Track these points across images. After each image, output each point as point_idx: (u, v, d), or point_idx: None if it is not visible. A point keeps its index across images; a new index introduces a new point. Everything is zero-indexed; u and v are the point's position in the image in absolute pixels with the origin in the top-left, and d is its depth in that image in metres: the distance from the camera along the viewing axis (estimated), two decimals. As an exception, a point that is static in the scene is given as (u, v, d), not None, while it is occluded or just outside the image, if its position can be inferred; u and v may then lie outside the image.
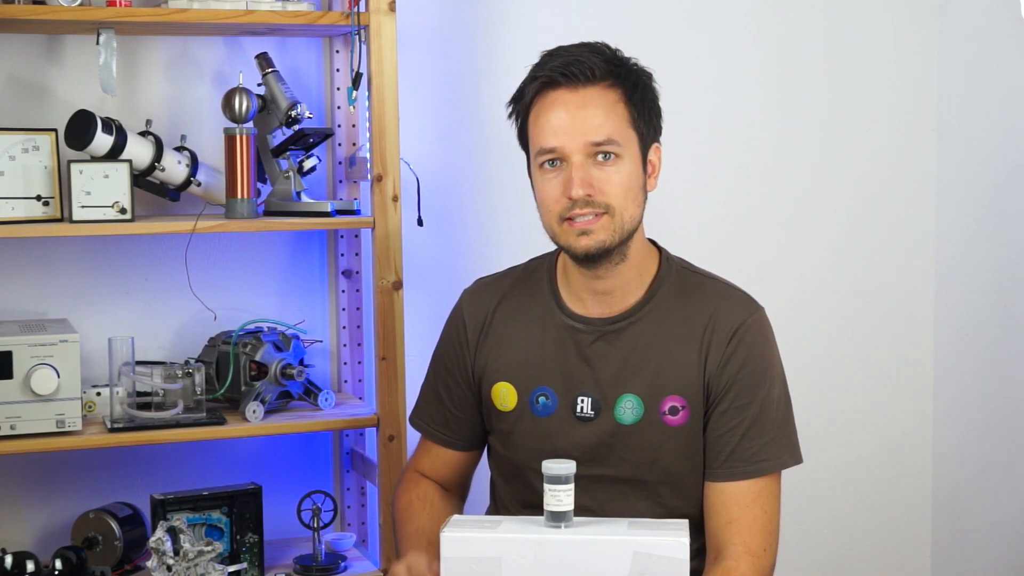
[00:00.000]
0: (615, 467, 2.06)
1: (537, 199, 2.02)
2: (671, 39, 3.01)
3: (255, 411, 2.52)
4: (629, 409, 2.04)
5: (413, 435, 2.72)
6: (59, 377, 2.38)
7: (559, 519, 1.78)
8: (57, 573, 2.33)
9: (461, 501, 2.24)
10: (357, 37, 2.53)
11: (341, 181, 2.79)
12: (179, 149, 2.60)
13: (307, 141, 2.64)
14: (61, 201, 2.47)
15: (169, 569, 1.97)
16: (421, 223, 2.69)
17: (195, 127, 2.68)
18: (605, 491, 2.05)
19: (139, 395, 2.52)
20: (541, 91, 1.99)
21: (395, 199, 2.55)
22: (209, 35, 2.69)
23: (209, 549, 1.99)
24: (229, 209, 2.54)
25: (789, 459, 2.05)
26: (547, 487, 1.78)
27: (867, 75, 3.17)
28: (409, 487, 2.18)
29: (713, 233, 3.07)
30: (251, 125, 2.55)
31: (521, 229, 2.92)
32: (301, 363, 2.62)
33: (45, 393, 2.37)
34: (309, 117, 2.64)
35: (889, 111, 3.19)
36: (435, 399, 2.20)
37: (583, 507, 1.92)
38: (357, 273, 2.79)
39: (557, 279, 2.12)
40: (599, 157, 1.96)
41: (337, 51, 2.76)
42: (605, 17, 2.94)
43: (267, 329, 2.62)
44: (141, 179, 2.55)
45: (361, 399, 2.78)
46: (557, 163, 1.98)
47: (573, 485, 1.78)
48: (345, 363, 2.81)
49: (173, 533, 1.99)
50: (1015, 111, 2.95)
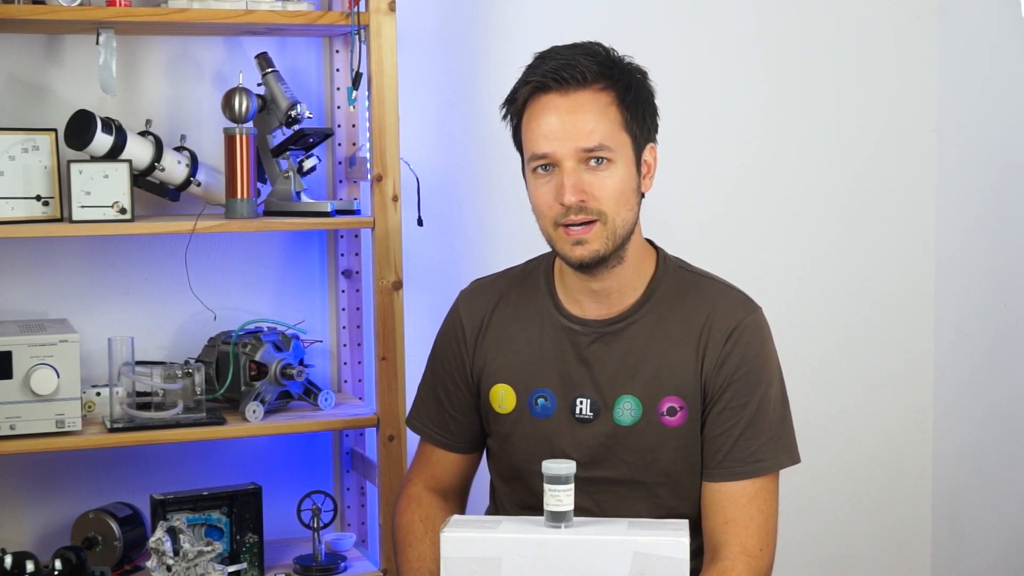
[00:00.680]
0: (614, 469, 2.05)
1: (532, 203, 2.02)
2: (671, 39, 3.01)
3: (255, 411, 2.52)
4: (628, 411, 2.04)
5: (413, 435, 2.73)
6: (59, 377, 2.38)
7: (559, 519, 1.78)
8: (57, 573, 2.33)
9: (462, 511, 2.23)
10: (357, 37, 2.53)
11: (341, 181, 2.79)
12: (179, 149, 2.60)
13: (307, 141, 2.64)
14: (61, 201, 2.47)
15: (169, 569, 1.97)
16: (421, 223, 2.69)
17: (195, 127, 2.68)
18: (604, 492, 2.05)
19: (139, 395, 2.52)
20: (533, 95, 1.98)
21: (395, 199, 2.55)
22: (209, 35, 2.69)
23: (209, 549, 1.99)
24: (229, 209, 2.54)
25: (786, 459, 2.04)
26: (547, 487, 1.78)
27: (867, 75, 3.17)
28: (412, 506, 2.15)
29: (713, 233, 3.07)
30: (251, 125, 2.55)
31: (521, 229, 2.91)
32: (301, 363, 2.62)
33: (45, 393, 2.37)
34: (309, 117, 2.64)
35: (889, 111, 3.19)
36: (433, 401, 2.19)
37: (582, 509, 1.92)
38: (357, 273, 2.79)
39: (554, 280, 2.12)
40: (591, 162, 1.95)
41: (337, 51, 2.76)
42: (605, 17, 2.94)
43: (267, 329, 2.62)
44: (141, 179, 2.55)
45: (361, 399, 2.78)
46: (550, 168, 1.97)
47: (573, 485, 1.78)
48: (345, 363, 2.81)
49: (173, 533, 1.99)
50: (1015, 111, 2.95)
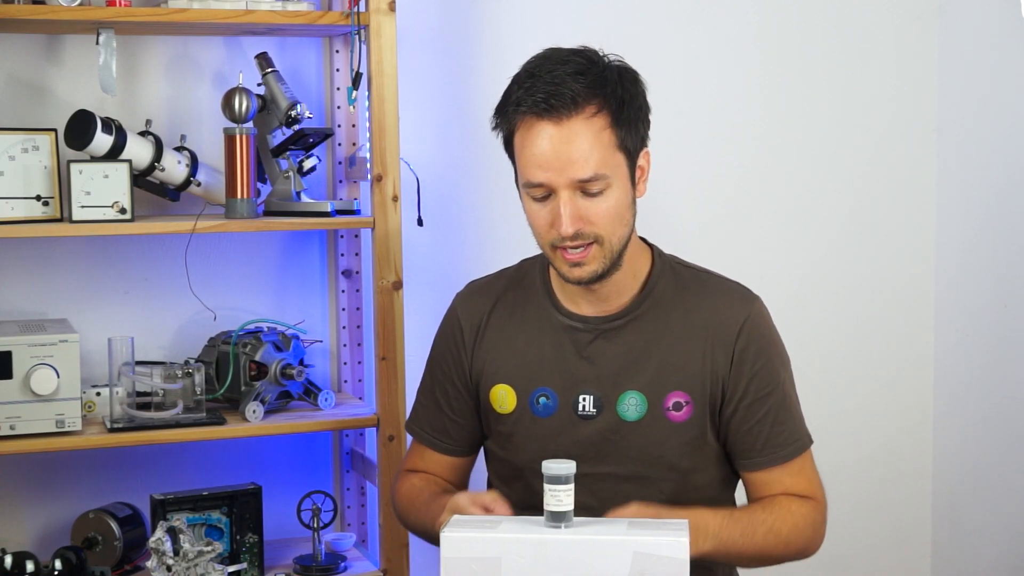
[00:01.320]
0: (618, 464, 2.06)
1: (528, 221, 2.02)
2: (671, 39, 3.01)
3: (255, 411, 2.52)
4: (633, 406, 2.05)
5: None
6: (59, 377, 2.38)
7: (559, 519, 1.77)
8: (57, 573, 2.33)
9: None
10: (357, 37, 2.53)
11: (341, 181, 2.79)
12: (179, 149, 2.60)
13: (307, 141, 2.64)
14: (61, 201, 2.47)
15: (169, 569, 1.97)
16: (421, 223, 2.69)
17: (195, 127, 2.68)
18: (608, 488, 2.05)
19: (139, 395, 2.52)
20: (525, 118, 1.95)
21: (395, 199, 2.55)
22: (209, 35, 2.69)
23: (209, 549, 1.99)
24: (229, 209, 2.54)
25: (809, 436, 2.11)
26: (547, 487, 1.78)
27: (867, 75, 3.17)
28: (407, 478, 2.18)
29: (713, 233, 3.07)
30: (251, 125, 2.55)
31: (521, 229, 2.90)
32: (301, 363, 2.62)
33: (45, 393, 2.37)
34: (309, 117, 2.64)
35: (889, 111, 3.19)
36: (433, 405, 2.19)
37: (586, 505, 1.91)
38: (357, 273, 2.79)
39: (551, 280, 2.12)
40: (586, 190, 1.94)
41: (337, 51, 2.76)
42: (605, 17, 2.94)
43: (267, 329, 2.62)
44: (141, 179, 2.55)
45: (361, 399, 2.78)
46: (544, 195, 1.96)
47: (573, 485, 1.78)
48: (345, 363, 2.81)
49: (173, 533, 1.99)
50: (1015, 111, 2.95)
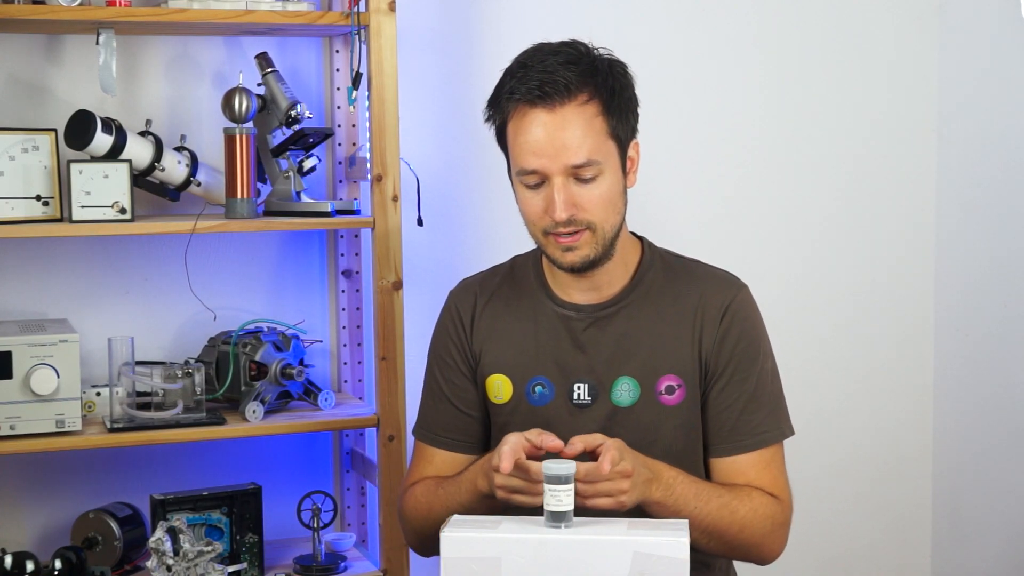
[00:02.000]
0: None
1: (520, 209, 2.05)
2: (671, 39, 3.01)
3: (255, 411, 2.52)
4: (626, 391, 2.07)
5: (413, 435, 2.73)
6: (59, 377, 2.38)
7: (559, 519, 1.78)
8: (57, 573, 2.33)
9: None
10: (357, 37, 2.53)
11: (341, 181, 2.79)
12: (179, 149, 2.60)
13: (307, 141, 2.64)
14: (61, 201, 2.47)
15: (169, 569, 1.97)
16: (421, 223, 2.69)
17: (195, 127, 2.68)
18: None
19: (139, 395, 2.52)
20: (518, 107, 1.98)
21: (395, 199, 2.55)
22: (209, 35, 2.69)
23: (209, 549, 1.99)
24: (229, 209, 2.54)
25: (787, 429, 2.10)
26: (547, 487, 1.78)
27: (867, 75, 3.17)
28: (414, 487, 2.15)
29: (713, 233, 3.07)
30: (251, 125, 2.55)
31: (521, 229, 2.91)
32: (301, 363, 2.62)
33: (45, 393, 2.37)
34: (309, 117, 2.64)
35: (889, 111, 3.19)
36: (442, 405, 2.18)
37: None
38: (357, 273, 2.79)
39: (544, 272, 2.14)
40: (579, 176, 1.97)
41: (337, 51, 2.76)
42: (605, 17, 2.94)
43: (267, 329, 2.62)
44: (141, 179, 2.55)
45: (361, 399, 2.78)
46: (538, 182, 1.99)
47: (573, 485, 1.78)
48: (345, 363, 2.81)
49: (173, 533, 1.99)
50: (1015, 111, 2.95)
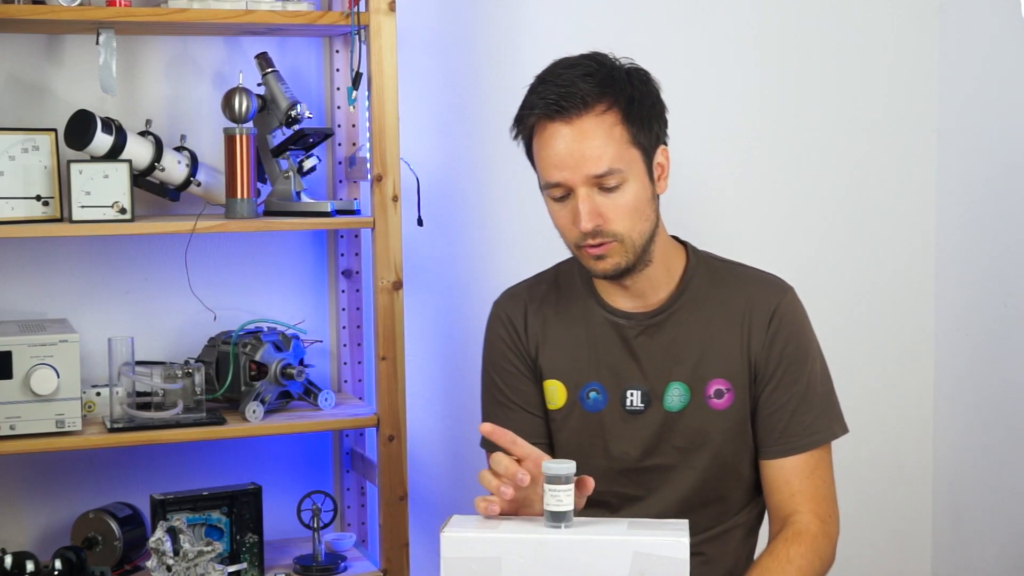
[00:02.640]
0: (665, 455, 2.10)
1: (553, 223, 2.07)
2: (671, 39, 3.01)
3: (255, 411, 2.52)
4: (676, 396, 2.09)
5: (413, 435, 2.73)
6: (59, 377, 2.38)
7: (559, 519, 1.78)
8: (57, 573, 2.33)
9: None
10: (357, 37, 2.53)
11: (341, 181, 2.79)
12: (179, 149, 2.60)
13: (307, 141, 2.64)
14: (61, 201, 2.47)
15: (169, 569, 1.97)
16: (421, 223, 2.69)
17: (195, 127, 2.68)
18: (655, 479, 2.11)
19: (139, 395, 2.52)
20: (539, 121, 2.01)
21: (395, 199, 2.55)
22: (209, 35, 2.69)
23: (209, 549, 1.99)
24: (229, 209, 2.54)
25: (839, 429, 2.14)
26: (547, 487, 1.78)
27: (867, 75, 3.17)
28: None
29: (712, 233, 3.06)
30: (251, 125, 2.55)
31: (521, 228, 2.92)
32: (301, 363, 2.62)
33: (45, 393, 2.37)
34: (309, 117, 2.64)
35: (889, 111, 3.19)
36: (515, 413, 2.16)
37: (632, 496, 2.06)
38: (357, 273, 2.79)
39: (592, 278, 2.15)
40: (603, 186, 1.98)
41: (337, 51, 2.76)
42: (604, 17, 2.94)
43: (267, 329, 2.62)
44: (141, 179, 2.55)
45: (361, 399, 2.78)
46: (564, 194, 2.01)
47: (573, 485, 1.78)
48: (345, 363, 2.81)
49: (173, 533, 1.99)
50: (1015, 111, 2.95)
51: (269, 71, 2.61)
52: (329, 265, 2.83)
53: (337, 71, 2.76)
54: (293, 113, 2.59)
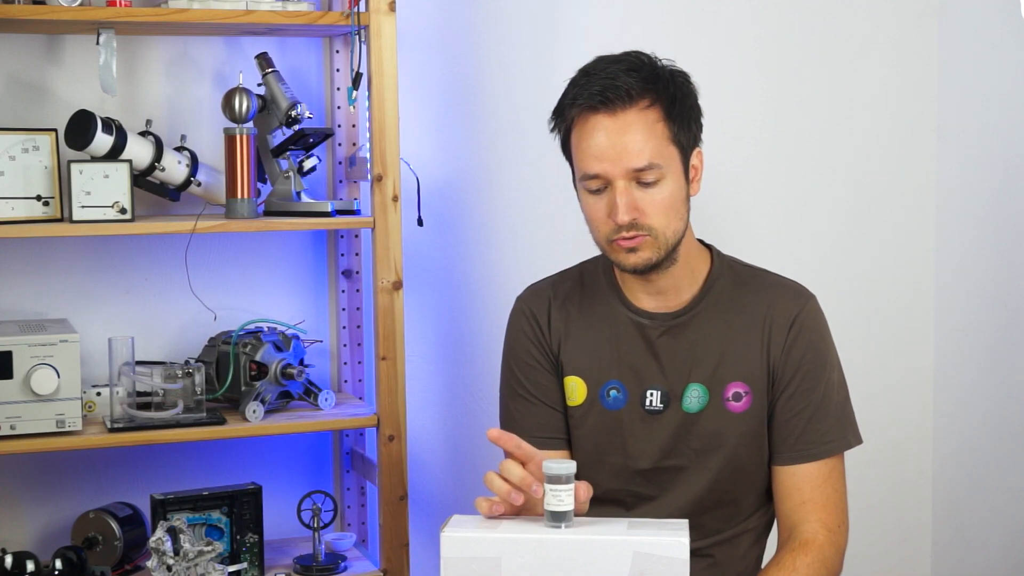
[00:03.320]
0: (681, 456, 2.11)
1: (585, 215, 2.07)
2: (671, 39, 3.00)
3: (255, 411, 2.52)
4: (695, 398, 2.10)
5: (413, 435, 2.73)
6: (59, 377, 2.38)
7: (559, 519, 1.78)
8: (57, 573, 2.33)
9: None
10: (357, 37, 2.53)
11: (341, 181, 2.79)
12: (179, 149, 2.60)
13: (307, 141, 2.64)
14: (61, 201, 2.47)
15: (169, 569, 1.97)
16: (421, 223, 2.69)
17: (195, 127, 2.68)
18: (670, 480, 2.11)
19: (139, 395, 2.52)
20: (581, 113, 2.02)
21: (395, 199, 2.55)
22: (209, 35, 2.69)
23: (209, 549, 1.99)
24: (229, 209, 2.54)
25: (853, 439, 2.14)
26: (547, 487, 1.78)
27: (867, 75, 3.16)
28: None
29: (711, 234, 3.05)
30: (251, 125, 2.55)
31: (521, 228, 2.92)
32: (301, 363, 2.62)
33: (45, 393, 2.37)
34: (309, 117, 2.64)
35: (889, 111, 3.19)
36: (536, 408, 2.18)
37: (646, 496, 2.07)
38: (357, 273, 2.79)
39: (616, 277, 2.16)
40: (641, 180, 1.99)
41: (337, 51, 2.76)
42: (605, 17, 2.94)
43: (267, 329, 2.62)
44: (141, 179, 2.55)
45: (361, 399, 2.78)
46: (601, 187, 2.02)
47: (573, 485, 1.78)
48: (345, 363, 2.81)
49: (173, 533, 1.99)
50: (1015, 111, 2.95)
51: (269, 71, 2.61)
52: (329, 265, 2.83)
53: (337, 71, 2.76)
54: (293, 113, 2.59)
